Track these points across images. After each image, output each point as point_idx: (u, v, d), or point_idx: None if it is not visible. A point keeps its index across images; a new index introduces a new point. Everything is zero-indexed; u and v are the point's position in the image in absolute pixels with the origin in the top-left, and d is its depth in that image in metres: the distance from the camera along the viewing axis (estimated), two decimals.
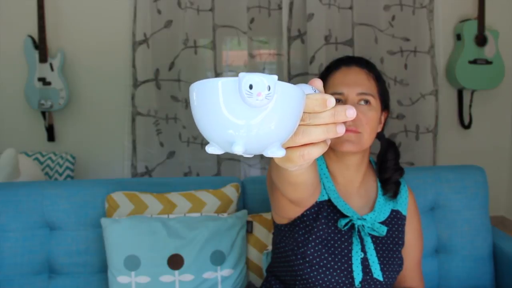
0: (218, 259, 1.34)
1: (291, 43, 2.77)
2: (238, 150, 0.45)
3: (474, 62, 2.84)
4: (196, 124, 0.48)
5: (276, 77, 0.44)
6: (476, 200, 1.55)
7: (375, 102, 1.09)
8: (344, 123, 0.77)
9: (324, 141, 0.50)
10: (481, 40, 2.83)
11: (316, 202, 1.09)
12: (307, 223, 1.08)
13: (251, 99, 0.43)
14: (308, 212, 1.09)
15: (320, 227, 1.08)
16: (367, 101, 1.08)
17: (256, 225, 1.46)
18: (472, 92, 2.98)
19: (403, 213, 1.17)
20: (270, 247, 1.37)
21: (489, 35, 2.84)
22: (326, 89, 1.12)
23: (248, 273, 1.45)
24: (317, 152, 0.50)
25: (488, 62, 2.84)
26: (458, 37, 2.90)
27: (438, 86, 2.88)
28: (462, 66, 2.84)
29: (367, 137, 1.08)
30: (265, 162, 2.85)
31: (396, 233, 1.14)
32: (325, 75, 1.15)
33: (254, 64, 2.79)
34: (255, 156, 2.81)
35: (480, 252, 1.53)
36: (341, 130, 0.48)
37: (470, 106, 3.00)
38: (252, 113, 0.44)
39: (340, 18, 2.75)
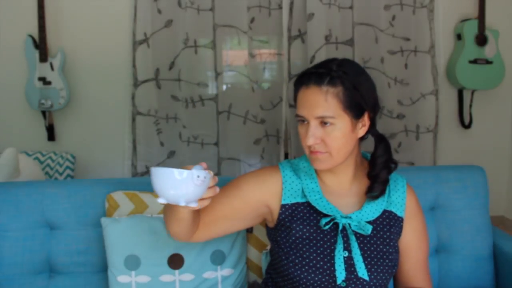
0: (218, 258, 1.34)
1: (291, 42, 2.77)
2: (180, 202, 0.90)
3: (474, 62, 2.83)
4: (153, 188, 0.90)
5: (204, 166, 0.92)
6: (476, 200, 1.54)
7: (338, 120, 1.04)
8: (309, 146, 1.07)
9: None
10: (481, 40, 2.83)
11: (289, 204, 1.12)
12: (287, 225, 1.11)
13: (197, 182, 0.87)
14: (283, 215, 1.12)
15: (298, 228, 1.10)
16: (327, 123, 1.04)
17: (256, 225, 1.46)
18: (473, 92, 2.98)
19: (399, 214, 1.16)
20: (269, 247, 1.37)
21: (490, 35, 2.83)
22: (296, 105, 1.11)
23: (248, 273, 1.45)
24: (207, 202, 0.95)
25: (488, 62, 2.84)
26: (459, 37, 2.89)
27: (438, 86, 2.88)
28: (463, 66, 2.84)
29: (337, 154, 1.06)
30: (265, 162, 2.85)
31: (388, 234, 1.13)
32: (295, 90, 1.13)
33: (254, 64, 2.79)
34: (255, 156, 2.83)
35: (480, 252, 1.53)
36: (217, 190, 0.95)
37: (471, 106, 3.00)
38: (191, 188, 0.88)
39: (340, 17, 2.74)
